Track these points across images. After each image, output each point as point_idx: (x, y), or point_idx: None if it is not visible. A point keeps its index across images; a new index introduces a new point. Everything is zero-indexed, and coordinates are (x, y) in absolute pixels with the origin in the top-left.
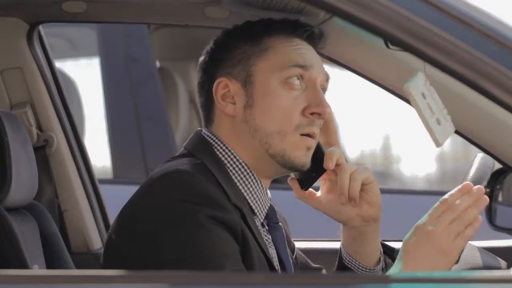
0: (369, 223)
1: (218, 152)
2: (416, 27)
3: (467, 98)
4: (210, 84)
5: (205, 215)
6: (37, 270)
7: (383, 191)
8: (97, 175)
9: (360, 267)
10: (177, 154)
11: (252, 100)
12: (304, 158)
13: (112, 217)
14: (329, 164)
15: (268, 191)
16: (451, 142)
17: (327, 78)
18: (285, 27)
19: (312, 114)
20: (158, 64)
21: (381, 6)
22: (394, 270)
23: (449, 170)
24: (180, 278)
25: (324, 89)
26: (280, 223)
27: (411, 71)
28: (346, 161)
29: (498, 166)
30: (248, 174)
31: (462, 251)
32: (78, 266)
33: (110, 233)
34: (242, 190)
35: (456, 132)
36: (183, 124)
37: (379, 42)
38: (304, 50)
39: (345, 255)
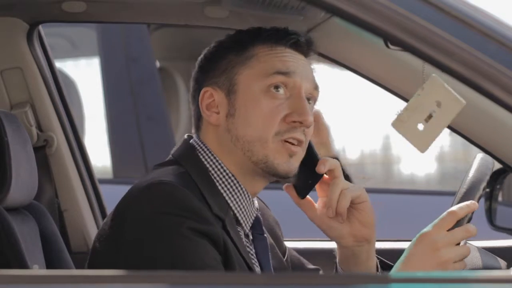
0: (362, 244)
1: (204, 161)
2: (416, 27)
3: (467, 98)
4: (199, 93)
5: (187, 227)
6: (37, 270)
7: (383, 191)
8: (97, 175)
9: None
10: (165, 160)
11: (234, 109)
12: (287, 165)
13: None
14: (321, 167)
15: (256, 202)
16: (451, 142)
17: (315, 86)
18: (270, 35)
19: (294, 122)
20: (158, 64)
21: (381, 6)
22: (393, 270)
23: (449, 170)
24: (180, 278)
25: (313, 98)
26: (265, 234)
27: (411, 71)
28: (345, 173)
29: (498, 166)
30: (234, 183)
31: None
32: (78, 266)
33: (95, 241)
34: (228, 199)
35: (456, 132)
36: (183, 124)
37: (379, 42)
38: (288, 58)
39: (340, 271)
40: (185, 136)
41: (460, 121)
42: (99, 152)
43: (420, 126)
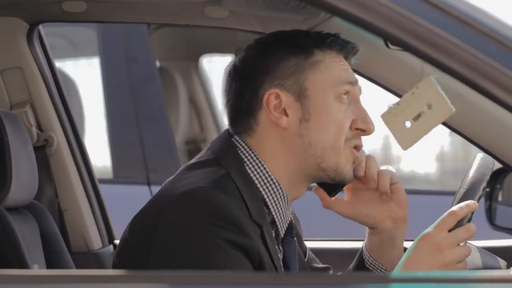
0: (399, 225)
1: (247, 166)
2: (416, 27)
3: (467, 98)
4: (253, 93)
5: (223, 238)
6: (37, 270)
7: None
8: (97, 175)
9: (383, 271)
10: (203, 156)
11: (309, 114)
12: (351, 172)
13: (112, 217)
14: (360, 171)
15: (291, 206)
16: (451, 142)
17: (361, 92)
18: (334, 43)
19: (357, 129)
20: (158, 64)
21: (381, 6)
22: (395, 271)
23: (449, 170)
24: (180, 278)
25: None
26: (295, 238)
27: (411, 71)
28: None
29: (498, 166)
30: (277, 189)
31: None
32: (78, 266)
33: (127, 235)
34: (268, 202)
35: (456, 132)
36: (183, 124)
37: (379, 42)
38: (347, 67)
39: (368, 258)
40: (226, 130)
41: (460, 121)
42: (99, 152)
43: (408, 124)
